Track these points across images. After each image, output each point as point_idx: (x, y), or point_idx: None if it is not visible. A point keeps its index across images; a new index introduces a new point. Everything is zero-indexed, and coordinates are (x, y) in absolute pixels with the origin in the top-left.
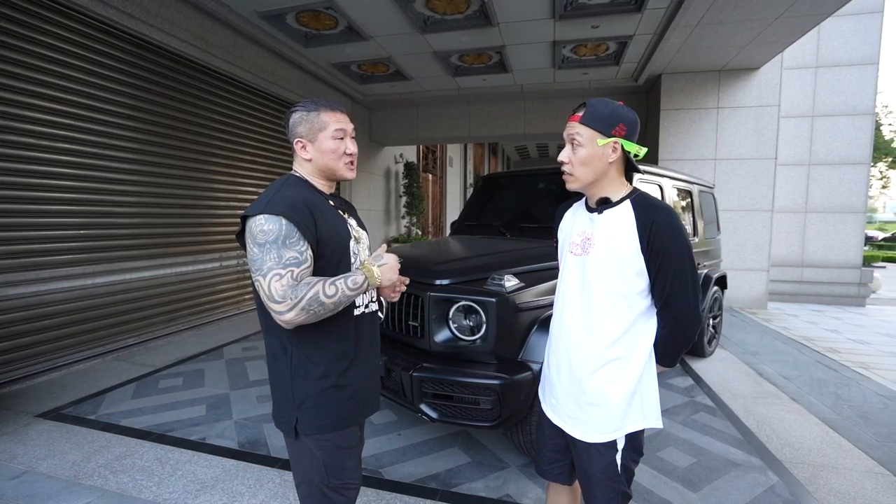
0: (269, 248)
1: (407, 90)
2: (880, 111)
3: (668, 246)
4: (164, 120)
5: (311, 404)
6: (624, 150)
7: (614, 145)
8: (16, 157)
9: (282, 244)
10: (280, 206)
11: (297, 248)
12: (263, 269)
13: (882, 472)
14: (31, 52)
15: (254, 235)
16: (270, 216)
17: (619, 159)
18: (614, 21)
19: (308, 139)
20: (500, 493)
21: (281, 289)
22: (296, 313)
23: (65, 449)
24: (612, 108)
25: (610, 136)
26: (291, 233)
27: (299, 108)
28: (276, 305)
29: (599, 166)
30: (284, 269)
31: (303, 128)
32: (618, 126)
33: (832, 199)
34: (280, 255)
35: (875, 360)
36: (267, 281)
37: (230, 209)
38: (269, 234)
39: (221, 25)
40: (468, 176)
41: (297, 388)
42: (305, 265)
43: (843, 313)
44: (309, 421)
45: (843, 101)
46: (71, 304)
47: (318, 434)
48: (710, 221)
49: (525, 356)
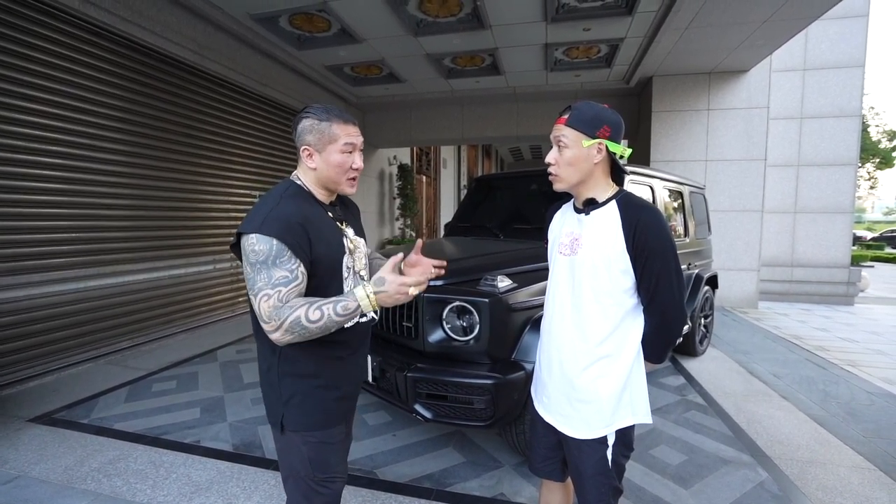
0: (259, 268)
1: (400, 92)
2: (867, 113)
3: (652, 244)
4: (156, 122)
5: (298, 401)
6: (609, 152)
7: (599, 146)
8: (4, 160)
9: (272, 264)
10: (274, 227)
11: (287, 267)
12: (254, 288)
13: (869, 468)
14: (18, 54)
15: (246, 254)
16: (262, 237)
17: (604, 160)
18: (605, 24)
19: (316, 149)
20: (494, 491)
21: (268, 309)
22: (281, 334)
23: (57, 453)
24: (597, 110)
25: (594, 137)
26: (282, 252)
27: (310, 115)
28: (265, 325)
29: (585, 167)
30: (273, 289)
31: (312, 136)
32: (602, 128)
33: (821, 200)
34: (270, 276)
35: (863, 357)
36: (257, 301)
37: (223, 211)
38: (260, 254)
39: (213, 28)
40: (462, 178)
41: (284, 385)
42: (294, 283)
43: (832, 312)
44: (295, 418)
45: (831, 102)
46: (63, 308)
47: (304, 431)
48: (701, 222)
49: (518, 356)
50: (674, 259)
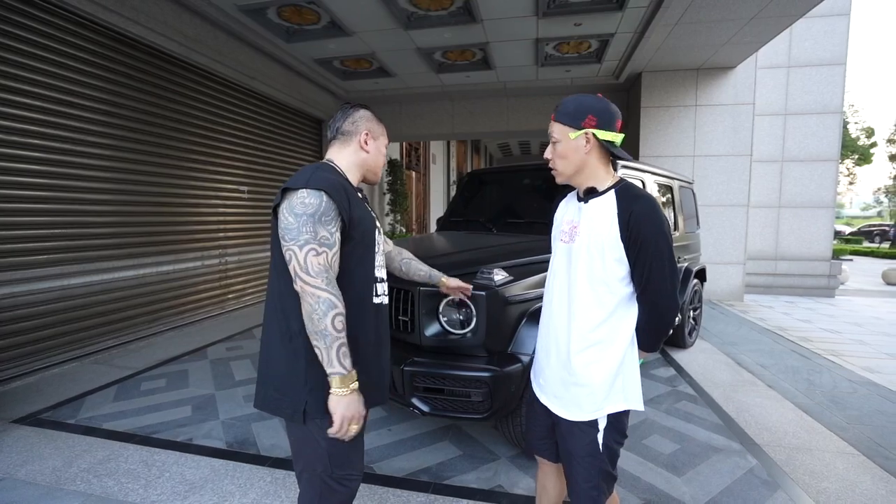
0: (305, 221)
1: (390, 87)
2: (847, 110)
3: (646, 234)
4: (143, 115)
5: (325, 388)
6: (600, 140)
7: (586, 136)
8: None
9: (317, 220)
10: (322, 182)
11: (328, 229)
12: (300, 239)
13: (852, 453)
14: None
15: (293, 206)
16: (313, 191)
17: (596, 149)
18: (596, 19)
19: (373, 136)
20: (491, 484)
21: (318, 265)
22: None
23: (44, 454)
24: (579, 101)
25: (580, 128)
26: (329, 210)
27: (368, 107)
28: (309, 278)
29: (576, 158)
30: (321, 247)
31: (373, 125)
32: (586, 118)
33: (804, 195)
34: (315, 231)
35: (844, 347)
36: (304, 252)
37: (211, 207)
38: (310, 206)
39: (200, 19)
40: (451, 173)
41: (312, 371)
42: (335, 249)
43: (814, 304)
44: (320, 405)
45: (814, 99)
46: (47, 306)
47: (326, 418)
48: (690, 216)
49: (515, 348)
50: (667, 249)
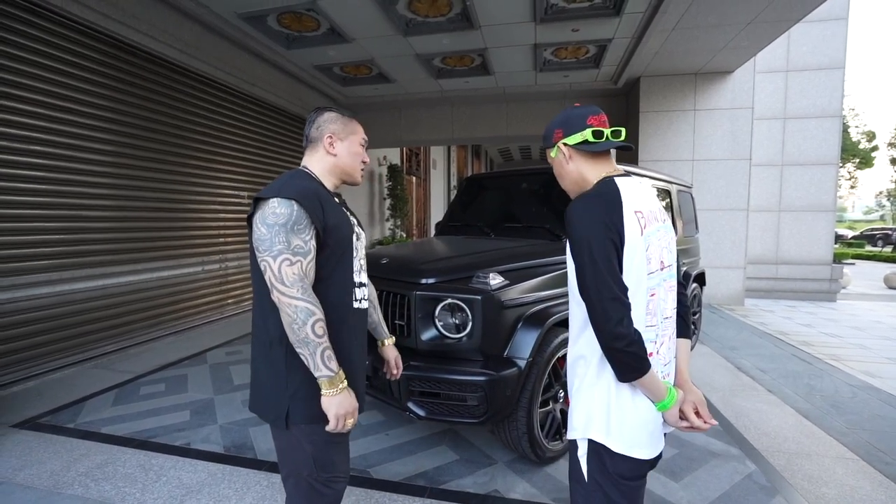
0: (278, 231)
1: (390, 92)
2: (847, 114)
3: (569, 237)
4: (143, 122)
5: (304, 394)
6: (574, 146)
7: (560, 150)
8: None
9: (290, 229)
10: (292, 191)
11: (302, 237)
12: (273, 250)
13: (852, 458)
14: (0, 53)
15: (265, 216)
16: (283, 200)
17: (578, 156)
18: (594, 24)
19: (339, 137)
20: (488, 488)
21: (292, 275)
22: (291, 302)
23: (42, 458)
24: (550, 122)
25: (553, 145)
26: (301, 218)
27: (333, 109)
28: (283, 287)
29: (566, 173)
30: (294, 256)
31: (336, 126)
32: (554, 134)
33: (804, 199)
34: (288, 241)
35: (845, 352)
36: (277, 263)
37: (211, 212)
38: (281, 216)
39: (201, 27)
40: (451, 178)
41: (292, 377)
42: (309, 257)
43: (815, 308)
44: (301, 411)
45: (813, 103)
46: (47, 311)
47: (309, 424)
48: (689, 220)
49: (510, 353)
50: (587, 254)
